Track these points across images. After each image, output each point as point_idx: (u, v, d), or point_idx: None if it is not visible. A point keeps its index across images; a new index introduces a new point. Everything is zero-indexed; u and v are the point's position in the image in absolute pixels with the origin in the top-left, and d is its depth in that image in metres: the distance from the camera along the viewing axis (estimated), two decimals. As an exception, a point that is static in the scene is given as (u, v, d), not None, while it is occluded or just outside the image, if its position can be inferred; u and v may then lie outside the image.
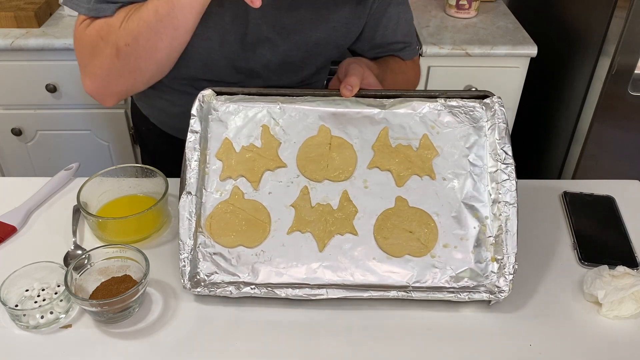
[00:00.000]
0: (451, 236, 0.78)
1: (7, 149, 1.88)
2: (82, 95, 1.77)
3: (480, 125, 0.82)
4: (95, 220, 0.85)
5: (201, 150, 0.81)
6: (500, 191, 0.77)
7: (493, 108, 0.81)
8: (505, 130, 0.79)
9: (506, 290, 0.74)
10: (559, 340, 0.73)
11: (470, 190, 0.79)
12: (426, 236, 0.78)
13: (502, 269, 0.75)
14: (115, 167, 0.92)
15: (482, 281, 0.75)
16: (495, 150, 0.79)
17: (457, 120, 0.82)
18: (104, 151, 1.90)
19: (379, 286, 0.75)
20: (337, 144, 0.82)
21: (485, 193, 0.79)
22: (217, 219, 0.79)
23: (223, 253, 0.78)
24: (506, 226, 0.76)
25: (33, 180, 0.99)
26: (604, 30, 1.56)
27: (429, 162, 0.81)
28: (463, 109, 0.82)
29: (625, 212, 0.93)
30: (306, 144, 0.83)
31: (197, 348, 0.72)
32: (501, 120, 0.80)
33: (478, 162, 0.80)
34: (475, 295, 0.74)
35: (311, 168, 0.81)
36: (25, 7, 1.72)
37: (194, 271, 0.77)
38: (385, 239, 0.77)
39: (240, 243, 0.78)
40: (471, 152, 0.81)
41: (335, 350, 0.72)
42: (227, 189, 0.80)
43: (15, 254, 0.86)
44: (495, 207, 0.78)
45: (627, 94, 1.59)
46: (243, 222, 0.79)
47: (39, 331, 0.74)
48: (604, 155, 1.72)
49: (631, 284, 0.75)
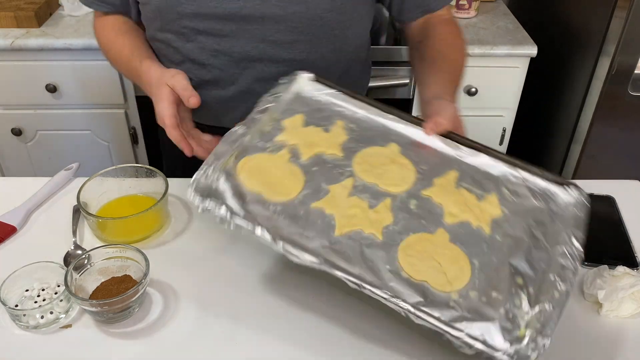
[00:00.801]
0: (483, 290, 0.67)
1: (7, 149, 1.88)
2: (82, 95, 1.77)
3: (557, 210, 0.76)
4: (95, 220, 0.85)
5: (270, 113, 0.83)
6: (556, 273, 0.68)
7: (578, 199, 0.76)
8: (583, 222, 0.74)
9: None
10: (559, 340, 0.73)
11: (523, 259, 0.70)
12: (455, 274, 0.67)
13: (531, 342, 0.62)
14: (115, 167, 0.92)
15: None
16: (565, 236, 0.72)
17: (532, 195, 0.77)
18: (104, 151, 1.90)
19: (380, 287, 0.65)
20: (400, 162, 0.79)
21: (538, 268, 0.69)
22: (253, 162, 0.77)
23: (242, 191, 0.73)
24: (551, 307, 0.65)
25: (33, 180, 0.99)
26: (604, 30, 1.56)
27: (488, 216, 0.74)
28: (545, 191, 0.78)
29: (625, 212, 0.93)
30: (371, 150, 0.81)
31: (197, 348, 0.72)
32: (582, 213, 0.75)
33: (540, 237, 0.72)
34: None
35: (365, 168, 0.78)
36: (25, 7, 1.72)
37: (206, 183, 0.73)
38: (408, 257, 0.68)
39: (262, 192, 0.74)
40: (538, 229, 0.73)
41: (335, 348, 0.72)
42: (276, 147, 0.79)
43: (15, 254, 0.86)
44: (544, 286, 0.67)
45: (627, 94, 1.59)
46: (274, 177, 0.75)
47: (39, 331, 0.74)
48: (604, 155, 1.72)
49: (631, 284, 0.75)
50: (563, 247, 0.70)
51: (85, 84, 1.74)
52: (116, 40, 1.00)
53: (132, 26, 1.03)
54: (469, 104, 1.76)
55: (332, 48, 0.97)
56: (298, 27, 0.92)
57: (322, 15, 0.92)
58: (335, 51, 0.98)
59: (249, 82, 0.98)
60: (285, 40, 0.93)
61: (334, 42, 0.97)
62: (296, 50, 0.95)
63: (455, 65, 0.98)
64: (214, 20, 0.91)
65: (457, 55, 1.00)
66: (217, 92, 0.99)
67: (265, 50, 0.94)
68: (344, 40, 0.98)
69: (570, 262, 0.69)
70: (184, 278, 0.81)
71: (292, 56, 0.95)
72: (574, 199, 0.76)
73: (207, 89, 0.97)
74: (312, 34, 0.94)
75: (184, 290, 0.79)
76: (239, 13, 0.90)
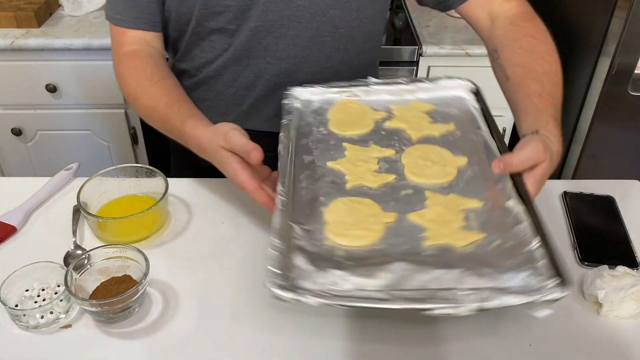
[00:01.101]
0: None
1: (7, 149, 1.88)
2: (82, 95, 1.77)
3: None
4: (95, 220, 0.85)
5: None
6: None
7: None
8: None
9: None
10: (559, 340, 0.73)
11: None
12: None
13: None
14: (115, 167, 0.92)
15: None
16: None
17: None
18: (104, 151, 1.90)
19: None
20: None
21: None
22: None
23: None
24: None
25: (33, 180, 0.99)
26: (604, 30, 1.56)
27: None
28: None
29: (625, 212, 0.93)
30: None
31: (197, 348, 0.72)
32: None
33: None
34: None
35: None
36: (25, 7, 1.72)
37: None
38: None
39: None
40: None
41: (335, 348, 0.72)
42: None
43: (15, 254, 0.85)
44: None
45: (627, 94, 1.59)
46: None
47: (39, 331, 0.74)
48: (604, 155, 1.72)
49: (631, 284, 0.75)
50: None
51: (85, 84, 1.74)
52: (149, 89, 0.90)
53: (167, 71, 0.94)
54: (469, 104, 1.76)
55: (338, 47, 0.96)
56: (302, 22, 0.91)
57: (325, 11, 0.91)
58: (341, 51, 0.97)
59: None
60: (289, 36, 0.93)
61: (340, 40, 0.96)
62: (299, 47, 0.94)
63: (546, 80, 0.81)
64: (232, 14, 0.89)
65: (547, 65, 0.83)
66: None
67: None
68: (350, 39, 0.97)
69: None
70: (184, 278, 0.81)
71: (295, 53, 0.95)
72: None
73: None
74: (315, 29, 0.93)
75: (184, 290, 0.79)
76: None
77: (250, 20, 0.91)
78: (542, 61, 0.83)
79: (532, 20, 0.89)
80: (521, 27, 0.88)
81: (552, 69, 0.83)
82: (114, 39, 0.96)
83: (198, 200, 0.94)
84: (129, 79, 0.93)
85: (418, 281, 0.61)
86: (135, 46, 0.94)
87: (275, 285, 0.59)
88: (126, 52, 0.94)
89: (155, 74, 0.91)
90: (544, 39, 0.87)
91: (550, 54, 0.86)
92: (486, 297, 0.58)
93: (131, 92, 0.93)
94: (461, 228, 0.68)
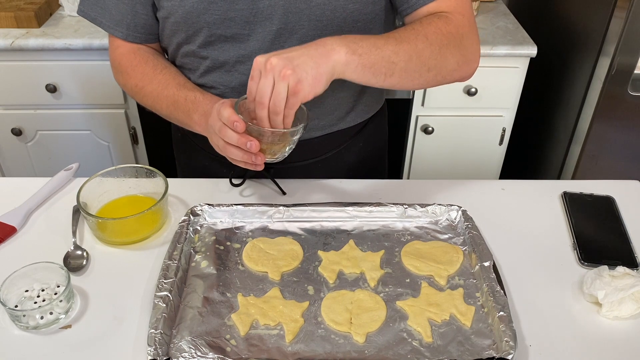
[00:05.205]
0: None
1: (7, 149, 1.88)
2: (82, 95, 1.77)
3: None
4: (95, 220, 0.85)
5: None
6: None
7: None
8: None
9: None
10: (559, 341, 0.73)
11: None
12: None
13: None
14: (115, 167, 0.92)
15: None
16: None
17: None
18: (104, 151, 1.90)
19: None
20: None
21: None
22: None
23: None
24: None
25: (33, 180, 0.99)
26: (603, 30, 1.56)
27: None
28: None
29: (625, 212, 0.93)
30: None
31: (197, 348, 0.72)
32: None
33: None
34: None
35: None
36: (25, 7, 1.72)
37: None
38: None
39: None
40: None
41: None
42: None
43: (15, 254, 0.85)
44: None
45: (627, 94, 1.59)
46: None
47: (39, 332, 0.74)
48: (604, 155, 1.72)
49: (631, 284, 0.75)
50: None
51: (85, 84, 1.74)
52: (156, 76, 0.94)
53: (168, 62, 0.99)
54: (468, 104, 1.76)
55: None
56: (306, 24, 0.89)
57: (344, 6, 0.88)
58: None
59: None
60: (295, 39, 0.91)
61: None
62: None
63: (402, 36, 0.82)
64: (240, 25, 0.88)
65: (413, 34, 0.83)
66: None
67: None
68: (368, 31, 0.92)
69: None
70: (184, 278, 0.81)
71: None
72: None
73: (234, 96, 0.93)
74: (314, 28, 0.91)
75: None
76: (264, 12, 0.87)
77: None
78: (420, 32, 0.83)
79: (444, 17, 0.87)
80: (439, 18, 0.87)
81: (412, 38, 0.82)
82: (111, 41, 1.00)
83: (198, 200, 0.94)
84: (132, 72, 0.96)
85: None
86: (133, 46, 0.97)
87: None
88: (125, 51, 0.97)
89: (158, 64, 0.96)
90: (443, 28, 0.85)
91: (431, 33, 0.84)
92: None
93: (137, 82, 0.96)
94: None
